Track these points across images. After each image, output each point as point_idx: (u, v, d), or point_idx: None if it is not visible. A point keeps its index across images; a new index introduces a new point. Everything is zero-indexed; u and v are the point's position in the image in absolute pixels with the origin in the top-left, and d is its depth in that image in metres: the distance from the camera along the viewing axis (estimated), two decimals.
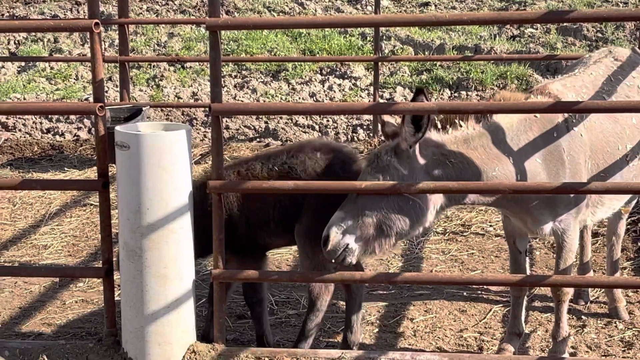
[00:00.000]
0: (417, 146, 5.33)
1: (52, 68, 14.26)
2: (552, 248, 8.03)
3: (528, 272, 6.22)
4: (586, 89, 5.97)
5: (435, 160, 5.39)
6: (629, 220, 8.33)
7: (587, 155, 5.73)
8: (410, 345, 6.39)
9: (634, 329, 6.57)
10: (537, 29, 14.57)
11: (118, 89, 12.17)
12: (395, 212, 5.34)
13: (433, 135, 5.40)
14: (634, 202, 6.83)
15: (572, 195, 5.61)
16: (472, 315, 6.91)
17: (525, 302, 6.25)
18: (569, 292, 5.98)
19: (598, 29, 14.28)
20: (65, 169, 10.87)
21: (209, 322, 6.21)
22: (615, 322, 6.70)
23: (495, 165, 5.44)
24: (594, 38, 14.09)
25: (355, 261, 5.44)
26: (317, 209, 5.87)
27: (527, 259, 6.20)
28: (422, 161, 5.37)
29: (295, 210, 5.95)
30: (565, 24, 13.96)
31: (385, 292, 7.31)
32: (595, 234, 8.31)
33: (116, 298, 5.99)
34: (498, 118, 5.54)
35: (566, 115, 5.64)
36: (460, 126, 5.45)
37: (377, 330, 6.68)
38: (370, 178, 5.37)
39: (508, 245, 6.24)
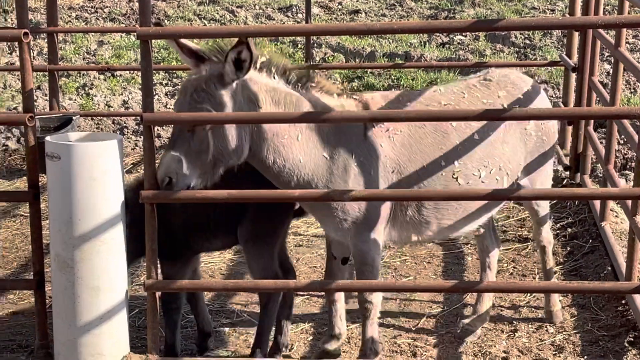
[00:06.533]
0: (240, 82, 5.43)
1: None
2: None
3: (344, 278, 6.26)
4: (419, 103, 5.87)
5: (250, 99, 5.48)
6: (558, 225, 8.45)
7: (388, 167, 5.69)
8: (344, 352, 6.41)
9: (564, 333, 6.66)
10: (466, 36, 14.72)
11: (47, 97, 12.03)
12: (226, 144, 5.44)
13: (258, 76, 5.50)
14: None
15: (355, 206, 5.66)
16: (406, 321, 6.95)
17: (341, 307, 6.29)
18: (376, 306, 5.98)
19: (526, 36, 14.47)
20: None
21: (172, 334, 6.22)
22: (546, 327, 6.78)
23: (285, 133, 5.56)
24: (522, 45, 14.27)
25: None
26: (261, 210, 5.93)
27: (346, 266, 6.22)
28: (243, 96, 5.45)
29: (237, 211, 5.96)
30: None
31: (319, 300, 7.32)
32: (525, 239, 8.41)
33: (48, 310, 5.93)
34: (319, 94, 5.69)
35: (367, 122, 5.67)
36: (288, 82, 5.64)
37: (311, 338, 6.69)
38: (194, 109, 5.36)
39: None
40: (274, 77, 5.60)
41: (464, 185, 5.85)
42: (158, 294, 5.76)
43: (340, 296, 6.27)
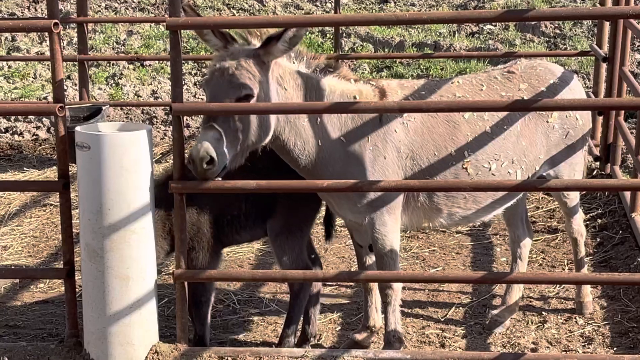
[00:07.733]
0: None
1: (9, 67, 14.13)
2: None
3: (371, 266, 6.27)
4: (433, 93, 5.88)
5: (277, 80, 5.54)
6: (588, 216, 8.41)
7: (402, 153, 5.71)
8: (372, 342, 6.40)
9: (593, 324, 6.63)
10: (495, 25, 14.65)
11: (77, 87, 12.09)
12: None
13: (282, 59, 5.56)
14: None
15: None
16: (434, 312, 6.94)
17: (377, 298, 6.25)
18: (397, 292, 5.97)
19: (556, 25, 14.38)
20: (25, 168, 10.78)
21: (202, 326, 6.22)
22: (575, 318, 6.75)
23: (306, 116, 5.62)
24: (552, 34, 14.19)
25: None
26: (292, 203, 5.97)
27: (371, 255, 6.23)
28: (273, 77, 5.50)
29: (268, 203, 5.99)
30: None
31: (347, 290, 7.33)
32: (554, 230, 8.38)
33: (78, 299, 5.96)
34: (337, 79, 5.78)
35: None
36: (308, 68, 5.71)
37: (339, 328, 6.70)
38: (235, 87, 5.40)
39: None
40: (294, 62, 5.66)
41: (473, 175, 5.85)
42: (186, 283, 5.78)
43: (375, 286, 6.27)
